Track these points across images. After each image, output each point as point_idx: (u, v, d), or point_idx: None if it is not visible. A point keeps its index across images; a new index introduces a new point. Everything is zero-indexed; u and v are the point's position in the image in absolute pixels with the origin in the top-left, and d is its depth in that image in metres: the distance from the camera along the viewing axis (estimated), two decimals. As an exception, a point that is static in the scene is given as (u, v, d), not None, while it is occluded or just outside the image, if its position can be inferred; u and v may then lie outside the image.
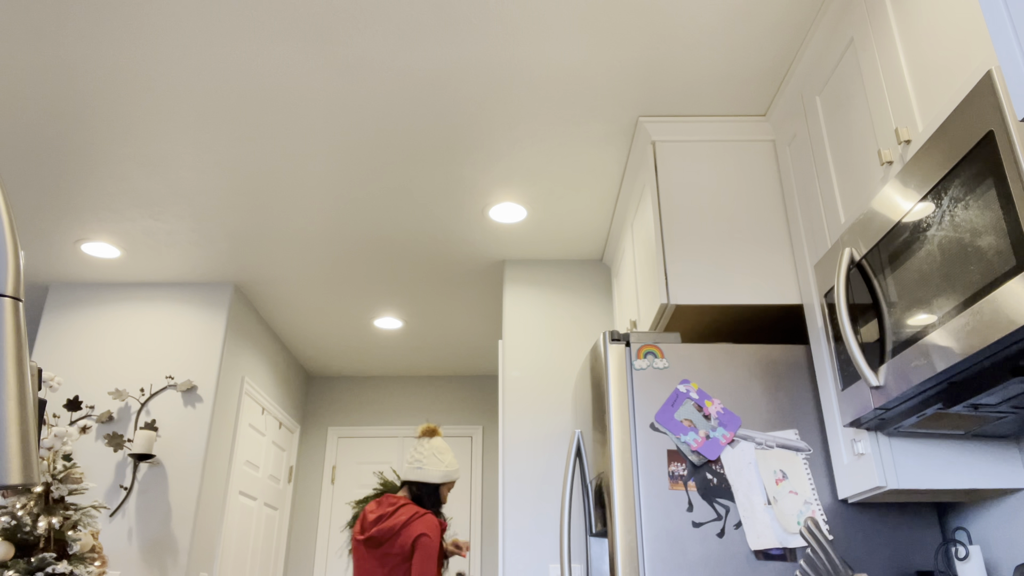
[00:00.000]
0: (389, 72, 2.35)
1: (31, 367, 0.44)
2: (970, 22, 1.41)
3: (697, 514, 1.99)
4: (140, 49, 2.24)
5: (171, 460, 3.50)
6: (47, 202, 3.07)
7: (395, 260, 3.60)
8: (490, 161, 2.81)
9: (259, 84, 2.39)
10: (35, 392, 0.45)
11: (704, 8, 2.10)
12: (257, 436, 4.29)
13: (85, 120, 2.56)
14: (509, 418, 3.28)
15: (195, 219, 3.21)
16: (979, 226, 1.28)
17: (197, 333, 3.75)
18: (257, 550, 4.27)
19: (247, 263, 3.64)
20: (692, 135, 2.55)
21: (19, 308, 0.44)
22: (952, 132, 1.37)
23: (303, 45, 2.23)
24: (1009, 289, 1.19)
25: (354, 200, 3.07)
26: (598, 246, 3.51)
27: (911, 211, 1.51)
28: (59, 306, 3.76)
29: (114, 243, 3.41)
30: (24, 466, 0.42)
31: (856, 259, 1.73)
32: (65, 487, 2.85)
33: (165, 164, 2.81)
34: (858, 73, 1.88)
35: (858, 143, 1.88)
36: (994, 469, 1.75)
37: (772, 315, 2.37)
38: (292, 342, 4.74)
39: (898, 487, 1.72)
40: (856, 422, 1.75)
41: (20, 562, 2.60)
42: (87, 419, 3.48)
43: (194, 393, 3.62)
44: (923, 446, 1.77)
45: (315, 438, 5.23)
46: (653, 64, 2.32)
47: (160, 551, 3.33)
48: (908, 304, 1.50)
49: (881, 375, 1.59)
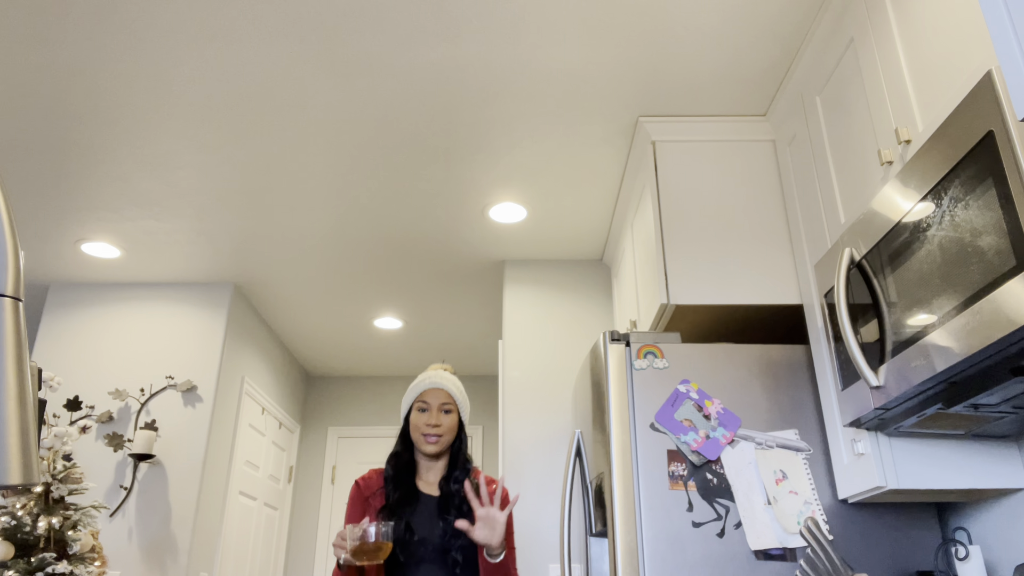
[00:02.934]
0: (389, 72, 2.35)
1: (31, 367, 0.44)
2: (970, 22, 1.41)
3: (697, 514, 1.99)
4: (140, 49, 2.24)
5: (171, 460, 3.50)
6: (47, 202, 3.07)
7: (395, 260, 3.60)
8: (490, 161, 2.81)
9: (259, 84, 2.39)
10: (35, 392, 0.45)
11: (704, 8, 2.10)
12: (257, 436, 4.29)
13: (85, 120, 2.56)
14: (509, 418, 3.28)
15: (195, 219, 3.21)
16: (979, 226, 1.28)
17: (197, 333, 3.74)
18: (257, 550, 4.27)
19: (247, 263, 3.64)
20: (692, 135, 2.55)
21: (19, 308, 0.44)
22: (952, 132, 1.37)
23: (303, 45, 2.23)
24: (1009, 289, 1.19)
25: (354, 200, 3.07)
26: (598, 246, 3.51)
27: (911, 211, 1.51)
28: (59, 306, 3.76)
29: (114, 243, 3.41)
30: (24, 466, 0.42)
31: (856, 259, 1.73)
32: (65, 487, 2.85)
33: (165, 164, 2.81)
34: (858, 73, 1.88)
35: (858, 143, 1.88)
36: (994, 469, 1.75)
37: (772, 315, 2.37)
38: (292, 342, 4.74)
39: (898, 487, 1.72)
40: (856, 422, 1.75)
41: (20, 562, 2.60)
42: (87, 419, 3.48)
43: (194, 393, 3.62)
44: (923, 446, 1.77)
45: (315, 438, 5.23)
46: (653, 64, 2.32)
47: (160, 551, 3.33)
48: (908, 304, 1.50)
49: (881, 375, 1.59)
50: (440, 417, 1.92)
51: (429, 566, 1.79)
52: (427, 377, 1.99)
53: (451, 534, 1.81)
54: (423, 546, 1.80)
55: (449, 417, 1.93)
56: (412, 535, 1.81)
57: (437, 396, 1.95)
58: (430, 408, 1.93)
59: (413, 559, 1.79)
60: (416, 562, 1.79)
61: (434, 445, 1.91)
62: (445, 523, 1.83)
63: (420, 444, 1.92)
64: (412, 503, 1.87)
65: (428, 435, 1.91)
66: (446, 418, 1.93)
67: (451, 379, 2.00)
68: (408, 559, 1.79)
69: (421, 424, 1.92)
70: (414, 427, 1.94)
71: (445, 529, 1.82)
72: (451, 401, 1.95)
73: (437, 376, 1.98)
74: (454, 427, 1.95)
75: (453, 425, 1.94)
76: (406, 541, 1.80)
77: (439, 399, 1.94)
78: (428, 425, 1.91)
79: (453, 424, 1.94)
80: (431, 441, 1.91)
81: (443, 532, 1.82)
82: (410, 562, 1.79)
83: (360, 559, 1.66)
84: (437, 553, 1.80)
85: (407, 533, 1.80)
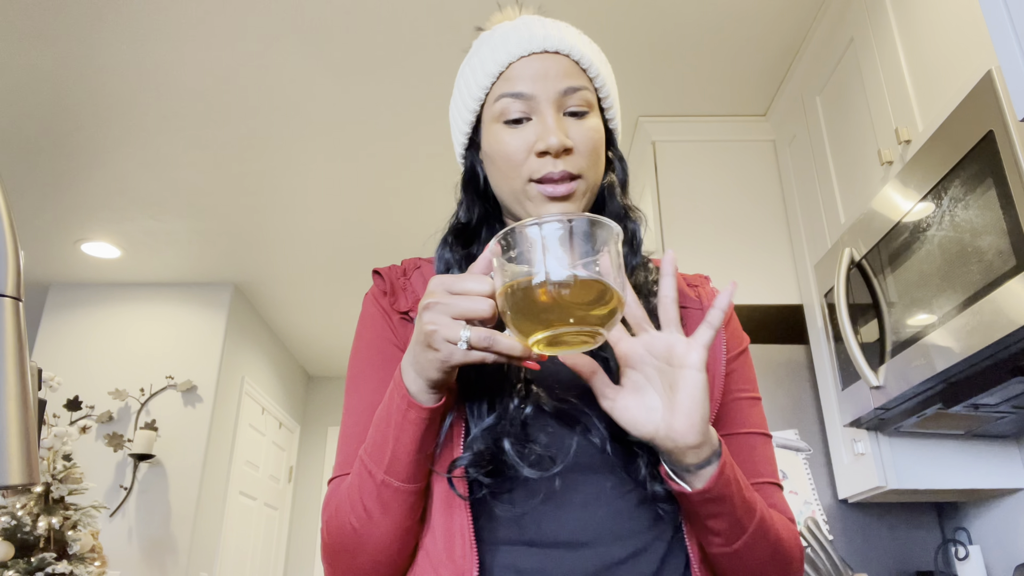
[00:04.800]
0: (389, 72, 2.35)
1: (31, 367, 0.44)
2: (970, 22, 1.41)
3: (697, 514, 1.98)
4: (140, 49, 2.24)
5: (171, 460, 3.49)
6: (47, 202, 3.07)
7: (395, 260, 3.59)
8: (490, 161, 2.81)
9: (259, 84, 2.39)
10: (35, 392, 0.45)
11: (704, 8, 2.10)
12: (257, 436, 4.29)
13: (85, 120, 2.56)
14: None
15: (195, 219, 3.21)
16: (979, 226, 1.28)
17: (197, 333, 3.74)
18: (257, 550, 4.27)
19: (247, 263, 3.64)
20: (692, 135, 2.55)
21: (19, 308, 0.44)
22: (952, 132, 1.37)
23: (303, 45, 2.23)
24: (1009, 289, 1.19)
25: (354, 200, 3.07)
26: (598, 246, 3.50)
27: (911, 211, 1.51)
28: (59, 306, 3.76)
29: (114, 243, 3.41)
30: (24, 466, 0.42)
31: (856, 259, 1.73)
32: (65, 487, 2.85)
33: (165, 164, 2.81)
34: (858, 73, 1.88)
35: (858, 143, 1.88)
36: (994, 469, 1.75)
37: (772, 315, 2.37)
38: (292, 342, 4.74)
39: (898, 487, 1.72)
40: (856, 422, 1.75)
41: (20, 562, 2.60)
42: (87, 419, 3.48)
43: (194, 393, 3.62)
44: (923, 446, 1.77)
45: (315, 438, 5.23)
46: (653, 64, 2.32)
47: (160, 551, 3.33)
48: (908, 304, 1.50)
49: (881, 375, 1.59)
50: (565, 125, 0.74)
51: (587, 477, 0.69)
52: (512, 29, 0.79)
53: None
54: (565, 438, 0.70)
55: (584, 125, 0.75)
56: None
57: (549, 71, 0.76)
58: (537, 104, 0.75)
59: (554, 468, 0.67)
60: (555, 477, 0.68)
61: (563, 197, 0.73)
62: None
63: (522, 199, 0.75)
64: None
65: (544, 178, 0.73)
66: (579, 127, 0.75)
67: (571, 31, 0.81)
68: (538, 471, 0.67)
69: (520, 150, 0.74)
70: (503, 160, 0.75)
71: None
72: (585, 80, 0.78)
73: (537, 25, 0.79)
74: (599, 146, 0.77)
75: (597, 142, 0.76)
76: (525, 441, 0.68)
77: (558, 78, 0.75)
78: (539, 154, 0.73)
79: (597, 139, 0.76)
80: (556, 192, 0.73)
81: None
82: (536, 481, 0.68)
83: (534, 327, 0.57)
84: (597, 454, 0.70)
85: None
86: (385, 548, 0.67)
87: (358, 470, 0.67)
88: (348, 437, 0.73)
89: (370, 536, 0.66)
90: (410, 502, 0.66)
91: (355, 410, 0.75)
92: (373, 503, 0.65)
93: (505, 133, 0.74)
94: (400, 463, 0.64)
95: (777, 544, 0.68)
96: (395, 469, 0.64)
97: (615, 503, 0.68)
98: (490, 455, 0.66)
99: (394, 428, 0.64)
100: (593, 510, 0.67)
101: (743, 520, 0.65)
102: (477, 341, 0.58)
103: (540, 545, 0.66)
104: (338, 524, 0.68)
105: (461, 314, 0.58)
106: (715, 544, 0.67)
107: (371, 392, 0.74)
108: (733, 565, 0.68)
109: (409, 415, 0.63)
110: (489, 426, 0.66)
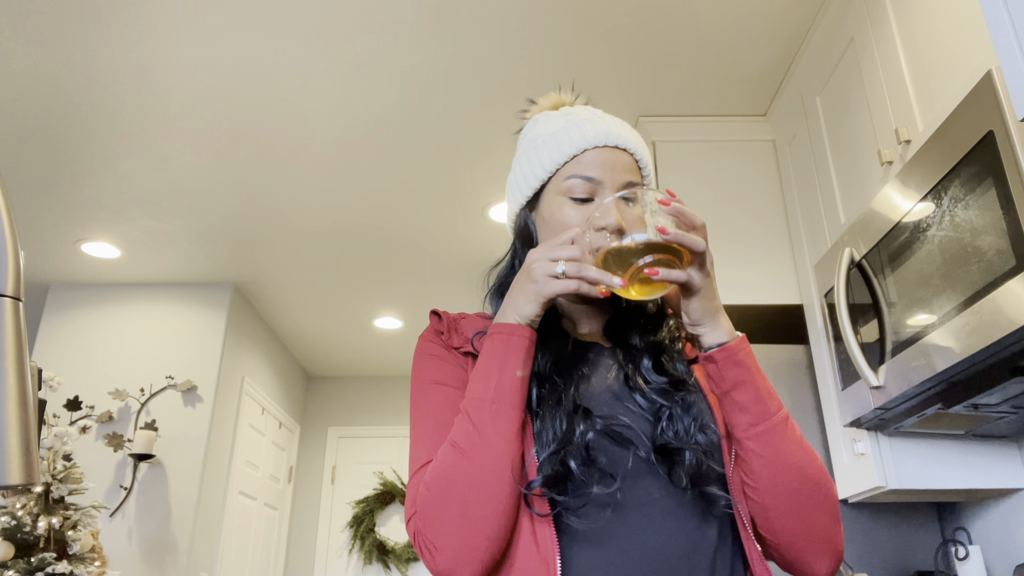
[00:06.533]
0: (389, 72, 2.35)
1: (31, 367, 0.44)
2: (970, 22, 1.41)
3: (697, 514, 1.98)
4: (140, 49, 2.24)
5: (171, 460, 3.49)
6: (47, 202, 3.07)
7: (395, 260, 3.60)
8: (490, 161, 2.81)
9: (259, 84, 2.39)
10: (35, 392, 0.45)
11: (704, 8, 2.10)
12: (257, 436, 4.29)
13: (85, 120, 2.56)
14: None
15: (195, 219, 3.21)
16: (979, 226, 1.28)
17: (197, 333, 3.74)
18: (257, 550, 4.27)
19: (247, 263, 3.64)
20: (692, 135, 2.55)
21: (19, 308, 0.44)
22: (952, 132, 1.37)
23: (303, 45, 2.23)
24: (1009, 289, 1.19)
25: (354, 200, 3.07)
26: (598, 246, 3.50)
27: (911, 211, 1.51)
28: (59, 306, 3.76)
29: (114, 243, 3.41)
30: (24, 466, 0.42)
31: (856, 259, 1.73)
32: (65, 487, 2.85)
33: (165, 164, 2.81)
34: (858, 73, 1.88)
35: (858, 143, 1.88)
36: (994, 469, 1.75)
37: (772, 315, 2.37)
38: (292, 342, 4.74)
39: (898, 487, 1.72)
40: (856, 422, 1.75)
41: (20, 562, 2.60)
42: (87, 419, 3.48)
43: (194, 393, 3.62)
44: (923, 446, 1.77)
45: (315, 438, 5.22)
46: (653, 64, 2.32)
47: (160, 551, 3.33)
48: (908, 304, 1.50)
49: (881, 375, 1.59)
50: (625, 211, 0.83)
51: (640, 486, 0.79)
52: (580, 119, 0.91)
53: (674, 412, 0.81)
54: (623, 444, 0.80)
55: (637, 211, 0.83)
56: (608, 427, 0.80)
57: (616, 163, 0.88)
58: (602, 189, 0.87)
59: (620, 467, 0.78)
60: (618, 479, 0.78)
61: None
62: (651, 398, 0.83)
63: None
64: (581, 362, 0.87)
65: None
66: (634, 213, 0.83)
67: (630, 130, 0.94)
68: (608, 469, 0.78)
69: (578, 223, 0.86)
70: (561, 228, 0.87)
71: (657, 407, 0.82)
72: (639, 177, 0.91)
73: (603, 123, 0.91)
74: None
75: None
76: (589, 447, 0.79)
77: (623, 171, 0.88)
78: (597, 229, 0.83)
79: None
80: None
81: (652, 411, 0.82)
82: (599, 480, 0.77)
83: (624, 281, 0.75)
84: (644, 464, 0.79)
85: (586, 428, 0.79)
86: (492, 470, 0.74)
87: (461, 417, 0.78)
88: (425, 441, 0.83)
89: (477, 454, 0.74)
90: (514, 429, 0.76)
91: (431, 412, 0.86)
92: (484, 418, 0.75)
93: (568, 207, 0.88)
94: (505, 386, 0.76)
95: (803, 444, 0.80)
96: (502, 391, 0.76)
97: (666, 503, 0.78)
98: (559, 476, 0.76)
99: (498, 359, 0.78)
100: (647, 511, 0.78)
101: (767, 401, 0.78)
102: (571, 270, 0.75)
103: (612, 550, 0.76)
104: (440, 467, 0.76)
105: (557, 256, 0.77)
106: (743, 426, 0.78)
107: (442, 402, 0.85)
108: (766, 470, 0.78)
109: (512, 340, 0.78)
110: (555, 451, 0.77)
